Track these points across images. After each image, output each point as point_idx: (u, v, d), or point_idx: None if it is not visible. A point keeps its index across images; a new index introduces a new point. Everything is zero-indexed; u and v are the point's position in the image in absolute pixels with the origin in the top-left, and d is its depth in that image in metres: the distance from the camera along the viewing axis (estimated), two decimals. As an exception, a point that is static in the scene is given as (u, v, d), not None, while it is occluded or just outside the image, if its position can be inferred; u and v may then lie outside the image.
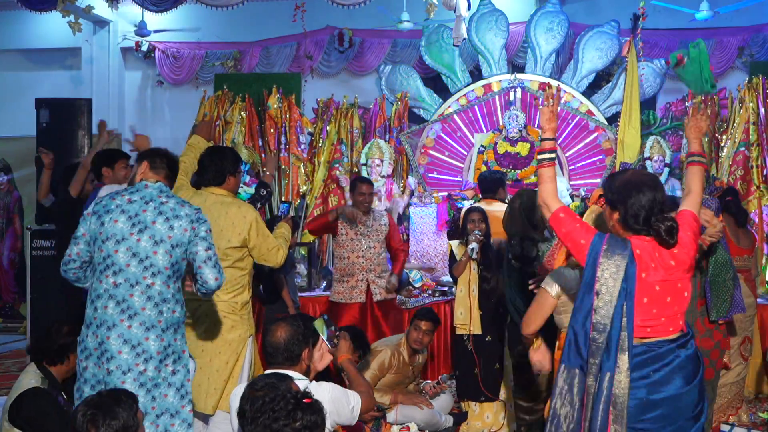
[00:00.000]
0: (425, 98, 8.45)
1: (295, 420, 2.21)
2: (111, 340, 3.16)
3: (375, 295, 5.65)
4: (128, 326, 3.16)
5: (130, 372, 3.15)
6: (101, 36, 9.75)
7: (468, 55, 8.48)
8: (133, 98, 9.95)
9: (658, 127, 7.99)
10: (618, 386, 2.65)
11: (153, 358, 3.17)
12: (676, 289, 2.73)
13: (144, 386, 3.16)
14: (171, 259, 3.21)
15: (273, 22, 8.99)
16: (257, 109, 8.38)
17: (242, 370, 3.89)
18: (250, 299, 4.03)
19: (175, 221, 3.22)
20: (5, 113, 9.65)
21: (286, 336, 2.98)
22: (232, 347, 3.86)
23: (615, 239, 2.77)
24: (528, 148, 7.93)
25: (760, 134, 7.34)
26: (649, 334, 2.72)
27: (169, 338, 3.22)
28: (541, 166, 2.97)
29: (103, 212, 3.25)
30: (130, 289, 3.18)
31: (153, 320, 3.18)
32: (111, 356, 3.15)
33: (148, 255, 3.19)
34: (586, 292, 2.75)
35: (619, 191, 2.78)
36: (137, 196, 3.27)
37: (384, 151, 7.77)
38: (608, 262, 2.70)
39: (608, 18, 8.15)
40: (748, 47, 8.36)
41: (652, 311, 2.71)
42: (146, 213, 3.23)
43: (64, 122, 7.28)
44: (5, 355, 7.46)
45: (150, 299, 3.19)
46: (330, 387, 2.99)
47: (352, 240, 5.66)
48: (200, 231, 3.26)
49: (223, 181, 3.97)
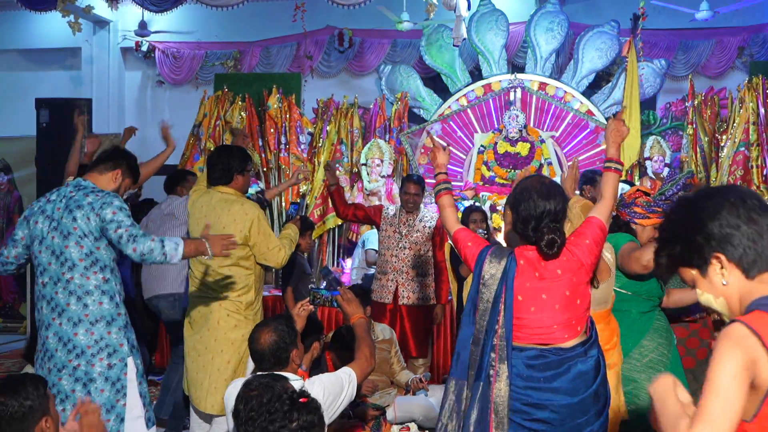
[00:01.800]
0: (425, 98, 8.45)
1: (292, 421, 2.19)
2: (49, 340, 3.23)
3: (402, 298, 5.51)
4: (59, 324, 3.22)
5: (64, 369, 3.19)
6: (101, 36, 9.75)
7: (468, 55, 8.48)
8: (133, 98, 9.95)
9: (658, 127, 7.99)
10: (498, 394, 2.68)
11: (84, 352, 3.20)
12: (565, 297, 2.75)
13: (80, 381, 3.20)
14: (83, 251, 3.22)
15: (273, 22, 8.99)
16: (257, 109, 8.38)
17: (246, 370, 3.89)
18: (257, 300, 4.01)
19: (78, 212, 3.23)
20: (5, 113, 9.65)
21: (271, 341, 2.97)
22: (234, 347, 3.85)
23: (499, 249, 2.86)
24: (528, 148, 7.93)
25: (760, 134, 7.34)
26: (544, 340, 2.74)
27: (100, 331, 3.22)
28: (438, 195, 3.18)
29: (29, 215, 3.36)
30: (54, 286, 3.23)
31: (79, 314, 3.21)
32: (51, 355, 3.22)
33: (61, 250, 3.23)
34: (471, 308, 2.83)
35: (516, 195, 2.85)
36: (54, 195, 3.35)
37: (384, 151, 7.77)
38: (489, 271, 2.79)
39: (608, 18, 8.15)
40: (748, 47, 8.36)
41: (542, 319, 2.74)
42: (59, 210, 3.28)
43: (64, 122, 7.25)
44: (5, 355, 7.45)
45: (72, 294, 3.22)
46: (319, 380, 2.97)
47: (389, 237, 5.55)
48: (105, 215, 3.22)
49: (230, 179, 3.98)
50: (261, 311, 4.11)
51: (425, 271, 5.59)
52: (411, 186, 5.58)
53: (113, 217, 3.22)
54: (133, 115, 9.80)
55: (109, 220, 3.21)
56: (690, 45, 8.47)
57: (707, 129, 7.58)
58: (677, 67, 8.44)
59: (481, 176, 8.09)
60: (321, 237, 8.13)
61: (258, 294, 4.04)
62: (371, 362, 3.16)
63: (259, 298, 4.05)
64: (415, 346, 5.59)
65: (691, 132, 7.53)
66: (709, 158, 7.50)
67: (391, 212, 5.66)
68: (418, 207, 5.62)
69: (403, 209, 5.62)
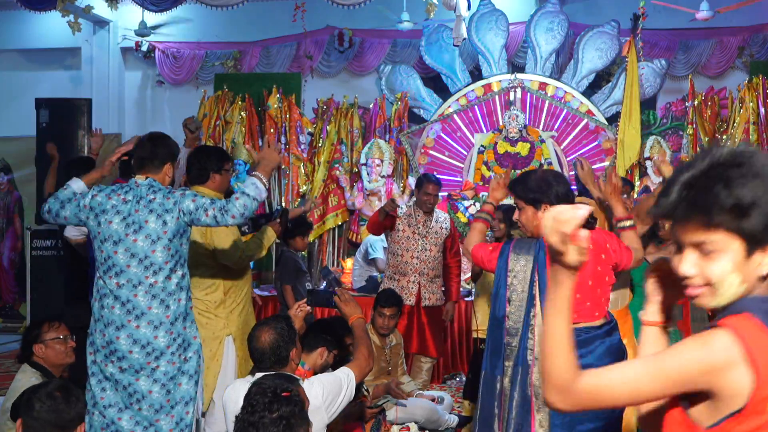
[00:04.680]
0: (425, 98, 8.44)
1: (272, 412, 2.23)
2: (120, 341, 3.19)
3: (424, 300, 5.52)
4: (136, 326, 3.19)
5: (142, 370, 3.19)
6: (101, 36, 9.74)
7: (468, 55, 8.48)
8: (133, 98, 9.94)
9: (658, 127, 7.99)
10: (538, 377, 2.77)
11: (164, 353, 3.20)
12: (596, 272, 2.87)
13: (158, 381, 3.20)
14: (170, 252, 3.23)
15: (273, 22, 8.98)
16: (257, 109, 8.38)
17: (224, 370, 3.91)
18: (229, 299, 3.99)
19: (167, 215, 3.22)
20: (5, 113, 9.64)
21: (271, 340, 2.98)
22: (205, 344, 3.86)
23: (521, 242, 2.99)
24: (528, 148, 7.93)
25: (760, 134, 7.34)
26: (577, 318, 2.79)
27: (178, 329, 3.25)
28: (476, 219, 3.38)
29: (100, 211, 3.26)
30: (134, 289, 3.19)
31: (161, 317, 3.21)
32: (122, 356, 3.20)
33: (146, 254, 3.20)
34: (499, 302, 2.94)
35: (539, 187, 2.95)
36: (130, 195, 3.28)
37: (384, 151, 7.77)
38: (518, 263, 2.91)
39: (608, 18, 8.15)
40: (748, 47, 8.35)
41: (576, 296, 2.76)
42: (138, 213, 3.23)
43: (64, 122, 7.28)
44: (5, 355, 7.45)
45: (155, 297, 3.20)
46: (318, 380, 2.99)
47: (408, 239, 5.53)
48: (188, 207, 3.23)
49: (206, 179, 3.98)
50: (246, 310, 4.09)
51: (440, 272, 5.64)
52: (431, 186, 5.56)
53: (196, 205, 3.23)
54: (133, 115, 9.79)
55: (195, 208, 3.22)
56: (690, 45, 8.46)
57: (707, 129, 7.58)
58: (677, 67, 8.43)
59: (481, 176, 8.09)
60: (321, 237, 8.13)
61: (231, 293, 4.00)
62: (370, 362, 3.17)
63: (235, 297, 4.02)
64: (435, 347, 5.62)
65: (691, 132, 7.52)
66: (709, 158, 7.50)
67: (404, 212, 5.63)
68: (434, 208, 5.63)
69: (419, 210, 5.59)
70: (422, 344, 5.57)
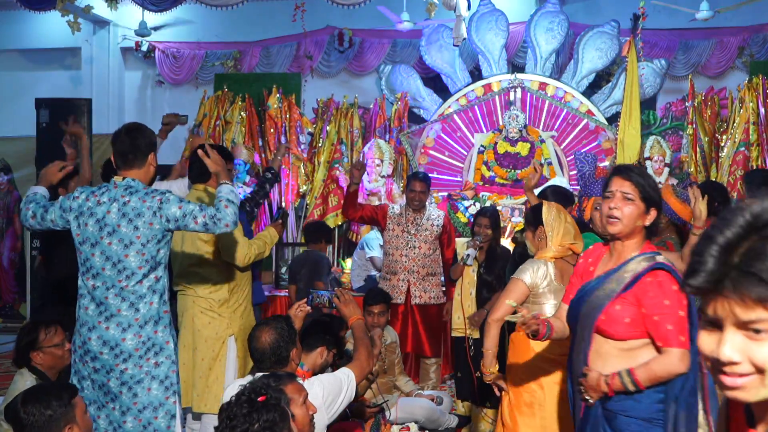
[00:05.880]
0: (425, 98, 8.44)
1: (252, 423, 2.14)
2: (92, 341, 3.20)
3: (414, 297, 5.52)
4: (106, 327, 3.18)
5: (112, 372, 3.18)
6: (101, 36, 9.74)
7: (468, 55, 8.48)
8: (133, 98, 9.95)
9: (658, 127, 7.99)
10: (710, 380, 2.69)
11: (132, 356, 3.18)
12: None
13: (126, 384, 3.18)
14: (144, 258, 3.18)
15: (273, 22, 8.98)
16: (257, 109, 8.38)
17: (226, 370, 3.91)
18: (233, 298, 4.01)
19: (138, 220, 3.16)
20: (5, 113, 9.65)
21: (272, 339, 2.98)
22: (208, 344, 3.89)
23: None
24: (528, 148, 7.92)
25: (760, 134, 7.33)
26: None
27: (147, 332, 3.20)
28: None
29: (79, 213, 3.25)
30: (106, 291, 3.19)
31: (129, 320, 3.18)
32: (94, 356, 3.20)
33: (120, 258, 3.17)
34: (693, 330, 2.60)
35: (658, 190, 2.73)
36: (105, 197, 3.22)
37: (384, 151, 7.76)
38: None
39: (608, 18, 8.15)
40: (748, 47, 8.35)
41: None
42: (111, 215, 3.18)
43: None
44: (5, 355, 7.45)
45: (125, 300, 3.18)
46: (319, 381, 2.99)
47: (397, 237, 5.54)
48: (173, 214, 3.16)
49: (208, 177, 3.99)
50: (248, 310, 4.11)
51: (435, 270, 5.60)
52: (416, 184, 5.57)
53: (183, 211, 3.16)
54: (133, 115, 9.77)
55: (181, 215, 3.16)
56: (690, 45, 8.47)
57: (707, 129, 7.58)
58: (677, 67, 8.44)
59: (481, 176, 8.09)
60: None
61: (234, 292, 4.02)
62: (370, 363, 3.17)
63: (238, 297, 4.04)
64: (429, 346, 5.61)
65: (691, 132, 7.52)
66: (709, 158, 7.50)
67: (396, 211, 5.64)
68: (424, 205, 5.62)
69: (409, 208, 5.60)
70: (417, 344, 5.55)
